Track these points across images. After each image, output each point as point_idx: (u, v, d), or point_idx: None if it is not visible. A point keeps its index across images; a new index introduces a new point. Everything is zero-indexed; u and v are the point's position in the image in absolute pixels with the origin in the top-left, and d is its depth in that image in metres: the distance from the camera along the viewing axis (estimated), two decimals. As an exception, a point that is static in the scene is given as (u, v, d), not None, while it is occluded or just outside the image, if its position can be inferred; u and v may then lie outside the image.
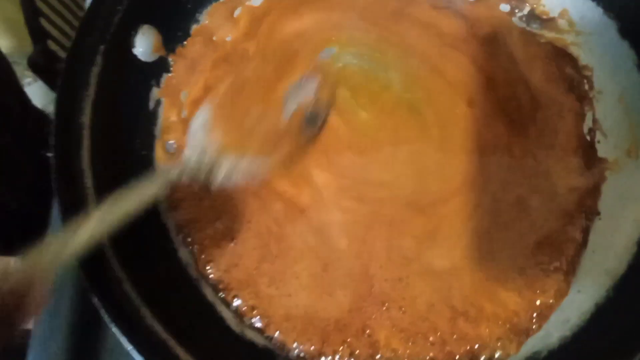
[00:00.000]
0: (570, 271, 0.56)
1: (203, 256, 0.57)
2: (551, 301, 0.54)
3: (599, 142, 0.61)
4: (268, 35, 0.66)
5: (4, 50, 0.82)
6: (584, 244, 0.57)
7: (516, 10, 0.66)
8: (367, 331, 0.53)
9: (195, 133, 0.56)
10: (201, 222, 0.58)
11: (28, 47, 0.78)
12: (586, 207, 0.58)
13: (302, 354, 0.54)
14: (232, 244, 0.57)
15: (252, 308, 0.56)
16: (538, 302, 0.54)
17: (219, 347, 0.53)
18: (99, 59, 0.55)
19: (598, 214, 0.58)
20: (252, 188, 0.58)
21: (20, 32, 0.96)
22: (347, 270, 0.55)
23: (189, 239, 0.58)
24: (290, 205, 0.58)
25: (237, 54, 0.66)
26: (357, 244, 0.56)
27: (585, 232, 0.57)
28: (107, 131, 0.55)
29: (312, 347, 0.53)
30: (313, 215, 0.57)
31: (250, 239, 0.57)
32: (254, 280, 0.56)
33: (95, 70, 0.55)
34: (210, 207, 0.59)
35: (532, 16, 0.66)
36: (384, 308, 0.54)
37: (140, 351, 0.45)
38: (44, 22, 0.81)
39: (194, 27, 0.66)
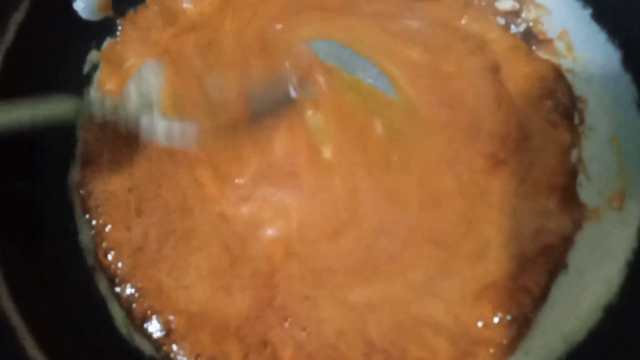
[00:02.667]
0: (521, 328, 0.47)
1: (104, 244, 0.51)
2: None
3: (580, 185, 0.52)
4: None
5: None
6: (542, 298, 0.49)
7: (511, 26, 0.59)
8: (269, 347, 0.46)
9: (139, 82, 0.53)
10: (113, 200, 0.53)
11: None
12: (552, 257, 0.50)
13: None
14: (138, 218, 0.51)
15: (149, 306, 0.49)
16: (476, 356, 0.46)
17: (96, 354, 0.46)
18: (24, 5, 0.49)
19: (565, 266, 0.50)
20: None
21: None
22: (252, 272, 0.49)
23: (95, 218, 0.52)
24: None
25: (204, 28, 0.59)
26: (275, 248, 0.49)
27: (546, 285, 0.49)
28: (19, 89, 0.49)
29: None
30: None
31: (157, 213, 0.52)
32: (156, 267, 0.50)
33: (18, 18, 0.49)
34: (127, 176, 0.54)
35: (528, 34, 0.58)
36: (286, 324, 0.47)
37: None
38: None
39: (152, -7, 0.60)
